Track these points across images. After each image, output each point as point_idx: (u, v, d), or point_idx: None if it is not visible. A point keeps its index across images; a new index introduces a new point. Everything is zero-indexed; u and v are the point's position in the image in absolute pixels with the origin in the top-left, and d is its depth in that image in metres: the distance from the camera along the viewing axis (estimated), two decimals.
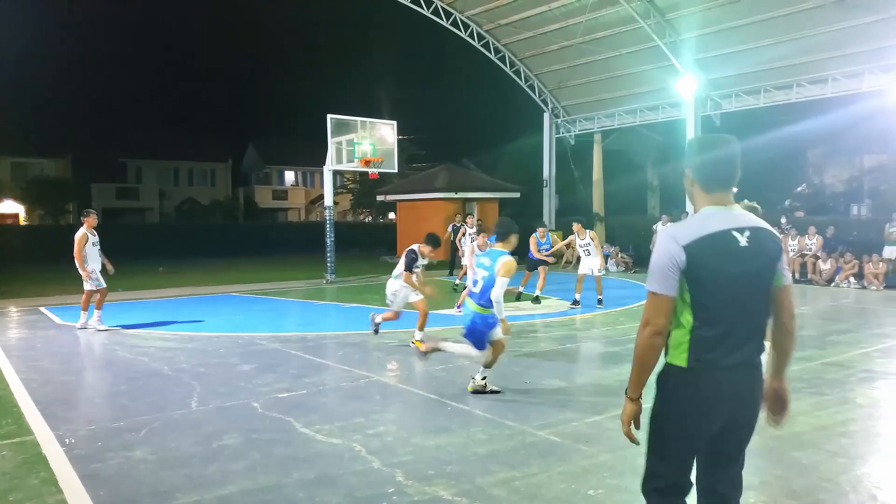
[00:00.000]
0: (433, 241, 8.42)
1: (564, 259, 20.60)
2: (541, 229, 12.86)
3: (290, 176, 51.41)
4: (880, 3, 14.96)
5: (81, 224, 10.19)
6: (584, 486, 4.12)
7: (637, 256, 20.60)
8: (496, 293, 5.81)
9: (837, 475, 4.24)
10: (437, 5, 20.71)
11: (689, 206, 19.52)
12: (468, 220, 16.14)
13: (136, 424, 5.42)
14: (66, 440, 5.02)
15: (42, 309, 12.39)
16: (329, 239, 17.53)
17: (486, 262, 6.06)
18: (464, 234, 15.36)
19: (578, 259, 12.97)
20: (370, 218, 43.70)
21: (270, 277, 17.82)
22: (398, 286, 8.39)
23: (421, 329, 8.41)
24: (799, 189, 30.46)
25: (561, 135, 24.44)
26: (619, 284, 15.74)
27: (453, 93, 57.86)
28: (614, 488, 4.10)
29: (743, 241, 2.41)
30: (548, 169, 24.41)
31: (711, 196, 2.50)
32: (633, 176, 29.62)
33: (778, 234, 2.52)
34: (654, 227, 18.70)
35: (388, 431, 5.22)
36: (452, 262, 18.40)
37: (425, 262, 8.42)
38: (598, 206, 25.21)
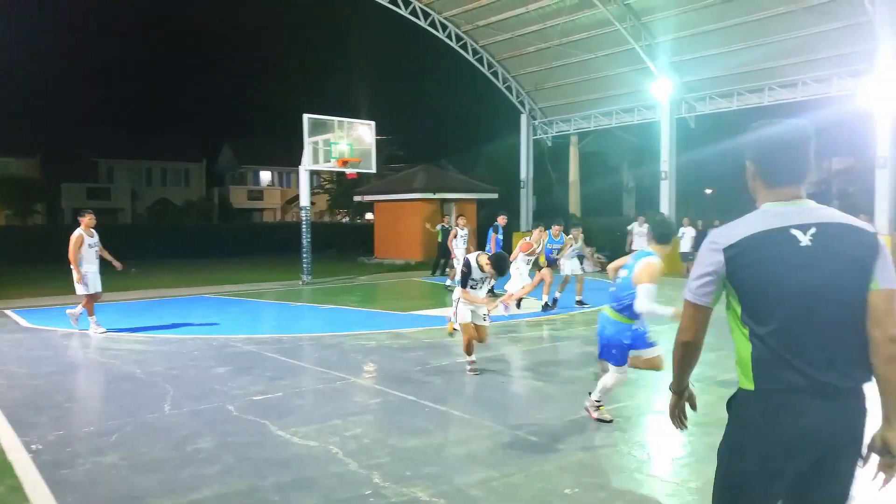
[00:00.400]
0: (500, 265, 7.04)
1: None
2: (556, 227, 12.07)
3: (265, 176, 50.97)
4: (847, 10, 15.27)
5: (78, 224, 9.90)
6: (560, 486, 4.13)
7: (613, 257, 20.73)
8: (642, 305, 4.78)
9: None
10: (415, 6, 20.67)
11: (663, 208, 19.76)
12: (459, 221, 15.63)
13: (106, 429, 5.31)
14: (33, 446, 4.90)
15: (8, 311, 12.10)
16: (305, 240, 17.39)
17: (629, 261, 5.14)
18: (455, 236, 15.16)
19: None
20: (347, 218, 43.51)
21: (245, 279, 17.63)
22: (461, 294, 7.12)
23: (467, 352, 7.15)
24: None
25: (538, 136, 24.56)
26: (596, 285, 15.84)
27: (432, 94, 58.05)
28: (590, 487, 4.12)
29: (805, 239, 1.99)
30: (525, 170, 24.51)
31: (774, 191, 2.11)
32: (608, 177, 29.89)
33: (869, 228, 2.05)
34: (630, 227, 18.90)
35: (366, 433, 5.18)
36: (437, 264, 18.31)
37: (483, 275, 7.05)
38: (574, 207, 25.39)
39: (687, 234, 18.27)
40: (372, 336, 9.41)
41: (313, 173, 19.17)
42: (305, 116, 16.90)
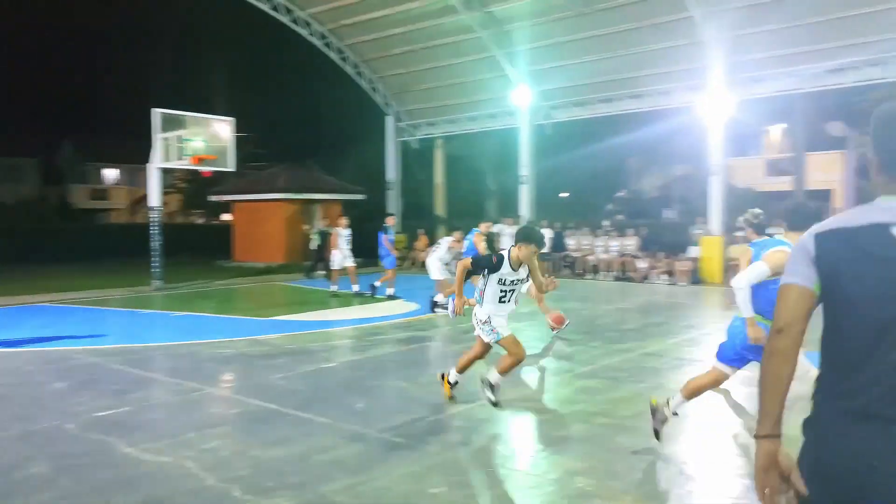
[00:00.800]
0: (533, 237, 5.48)
1: (410, 261, 20.85)
2: (458, 233, 11.76)
3: (111, 174, 47.23)
4: (684, 30, 16.74)
5: None
6: (426, 486, 4.15)
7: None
8: (740, 279, 4.34)
9: (653, 453, 4.66)
10: (276, 1, 20.05)
11: (523, 211, 20.57)
12: (341, 220, 14.93)
13: None
14: None
15: None
16: (155, 242, 16.28)
17: (752, 252, 4.62)
18: (337, 237, 14.64)
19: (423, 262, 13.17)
20: (203, 219, 41.39)
21: (87, 285, 16.18)
22: (490, 311, 5.65)
23: (461, 371, 5.99)
24: (620, 194, 33.22)
25: (405, 138, 24.70)
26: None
27: (296, 93, 56.17)
28: (456, 485, 4.17)
29: None
30: (392, 172, 24.56)
31: (893, 185, 1.73)
32: (473, 180, 30.66)
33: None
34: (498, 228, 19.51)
35: (224, 445, 4.92)
36: (317, 267, 17.77)
37: (518, 275, 5.60)
38: (440, 209, 25.81)
39: (545, 236, 19.13)
40: (230, 344, 8.97)
41: (165, 171, 17.93)
42: (154, 111, 15.83)
